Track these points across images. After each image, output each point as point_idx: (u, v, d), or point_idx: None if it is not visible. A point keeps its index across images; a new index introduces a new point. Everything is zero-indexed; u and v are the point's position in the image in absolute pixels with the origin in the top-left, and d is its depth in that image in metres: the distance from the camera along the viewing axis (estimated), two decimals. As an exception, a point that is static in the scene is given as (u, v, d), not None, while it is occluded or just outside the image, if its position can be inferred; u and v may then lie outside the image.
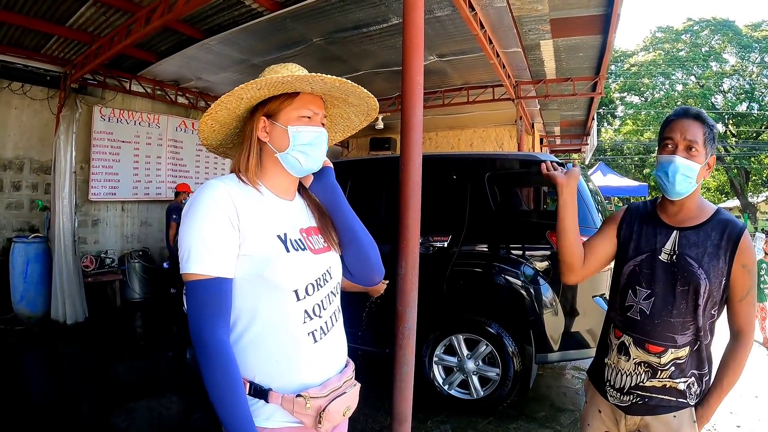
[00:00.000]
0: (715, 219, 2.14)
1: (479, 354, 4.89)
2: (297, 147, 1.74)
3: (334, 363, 1.78)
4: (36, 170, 8.79)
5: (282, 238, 1.69)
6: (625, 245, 2.30)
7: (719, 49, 42.17)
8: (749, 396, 5.74)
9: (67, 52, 8.34)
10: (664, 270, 2.14)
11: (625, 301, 2.24)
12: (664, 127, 2.19)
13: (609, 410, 2.29)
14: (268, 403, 1.61)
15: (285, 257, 1.65)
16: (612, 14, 6.96)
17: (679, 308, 2.09)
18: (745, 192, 44.07)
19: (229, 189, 1.63)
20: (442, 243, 5.08)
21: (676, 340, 2.10)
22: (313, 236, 1.81)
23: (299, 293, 1.67)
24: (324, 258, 1.79)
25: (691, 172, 2.08)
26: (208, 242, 1.54)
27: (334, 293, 1.82)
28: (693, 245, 2.11)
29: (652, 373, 2.13)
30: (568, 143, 20.01)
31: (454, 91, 11.03)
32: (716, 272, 2.07)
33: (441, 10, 6.73)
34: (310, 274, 1.71)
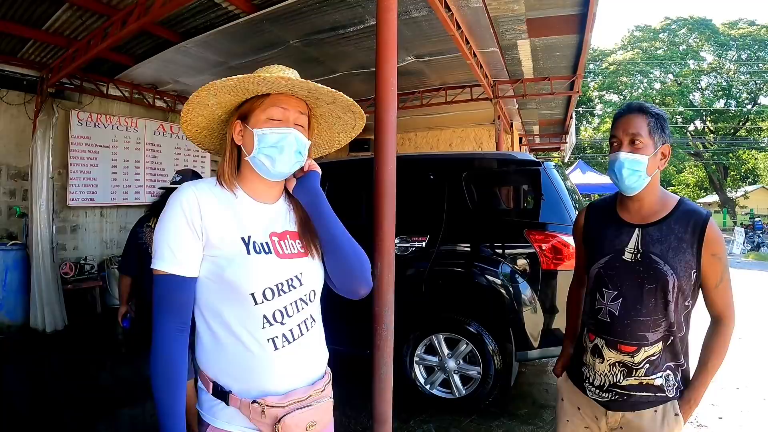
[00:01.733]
0: (678, 211, 2.12)
1: (460, 353, 4.90)
2: (262, 150, 1.70)
3: (301, 372, 1.72)
4: (13, 176, 8.68)
5: (245, 240, 1.67)
6: (590, 248, 2.30)
7: (697, 47, 42.67)
8: (731, 388, 5.80)
9: (44, 57, 8.26)
10: (630, 270, 2.12)
11: (594, 304, 2.22)
12: (612, 125, 2.20)
13: (589, 407, 2.27)
14: (228, 406, 1.64)
15: (244, 259, 1.64)
16: (588, 14, 7.01)
17: (648, 307, 2.08)
18: (723, 187, 44.60)
19: (198, 193, 1.66)
20: (421, 243, 5.09)
21: (648, 338, 2.09)
22: (287, 240, 1.77)
23: (256, 297, 1.63)
24: (294, 263, 1.74)
25: (637, 165, 2.08)
26: (170, 242, 1.60)
27: (305, 301, 1.76)
28: (657, 242, 2.08)
29: (628, 372, 2.12)
30: (547, 142, 20.13)
31: (432, 92, 11.07)
32: (684, 266, 2.05)
33: (417, 11, 6.74)
34: (269, 278, 1.66)
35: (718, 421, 4.97)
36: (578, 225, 2.44)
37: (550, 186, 4.88)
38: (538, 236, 4.71)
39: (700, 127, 45.59)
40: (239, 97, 1.74)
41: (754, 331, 8.39)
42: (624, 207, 2.23)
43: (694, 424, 4.87)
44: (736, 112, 42.74)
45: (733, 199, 47.03)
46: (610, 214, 2.26)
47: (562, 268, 4.62)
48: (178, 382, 1.61)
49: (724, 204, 45.69)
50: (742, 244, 23.82)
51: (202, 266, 1.65)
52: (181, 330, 1.63)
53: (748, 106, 42.90)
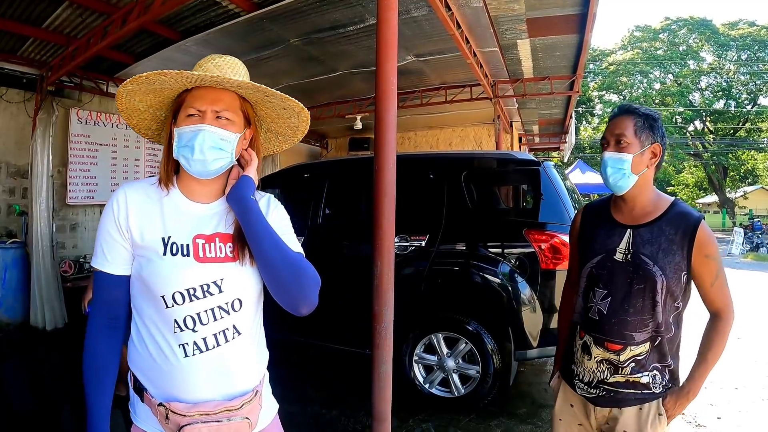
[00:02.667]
0: (670, 213, 2.15)
1: (459, 352, 4.91)
2: (179, 148, 1.65)
3: (216, 385, 1.63)
4: (13, 174, 8.67)
5: (165, 240, 1.64)
6: (583, 248, 2.35)
7: (696, 47, 42.67)
8: (730, 388, 5.81)
9: (44, 55, 8.24)
10: (620, 270, 2.16)
11: (586, 302, 2.27)
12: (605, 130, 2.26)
13: (580, 403, 2.31)
14: (142, 403, 1.65)
15: (158, 260, 1.61)
16: (588, 14, 7.01)
17: (635, 306, 2.12)
18: (723, 188, 44.60)
19: (129, 192, 1.67)
20: (420, 242, 5.09)
21: (635, 338, 2.13)
22: (214, 244, 1.68)
23: (166, 299, 1.59)
24: (213, 268, 1.65)
25: (621, 164, 2.14)
26: (101, 241, 1.66)
27: (224, 309, 1.65)
28: (647, 243, 2.13)
29: (614, 370, 2.16)
30: (547, 141, 20.15)
31: (432, 91, 11.05)
32: (673, 267, 2.09)
33: (417, 10, 6.74)
34: (182, 282, 1.60)
35: (716, 421, 4.98)
36: (575, 225, 2.49)
37: (549, 186, 4.89)
38: (538, 236, 4.71)
39: (699, 128, 45.60)
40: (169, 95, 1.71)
41: (752, 331, 8.40)
42: (617, 208, 2.28)
43: (692, 424, 4.88)
44: (735, 112, 42.75)
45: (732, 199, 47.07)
46: (604, 214, 2.31)
47: (561, 267, 4.62)
48: (104, 375, 1.65)
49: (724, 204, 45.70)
50: (741, 245, 23.80)
51: (133, 264, 1.67)
52: (112, 326, 1.67)
53: (748, 106, 42.92)
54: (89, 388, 1.64)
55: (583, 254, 2.34)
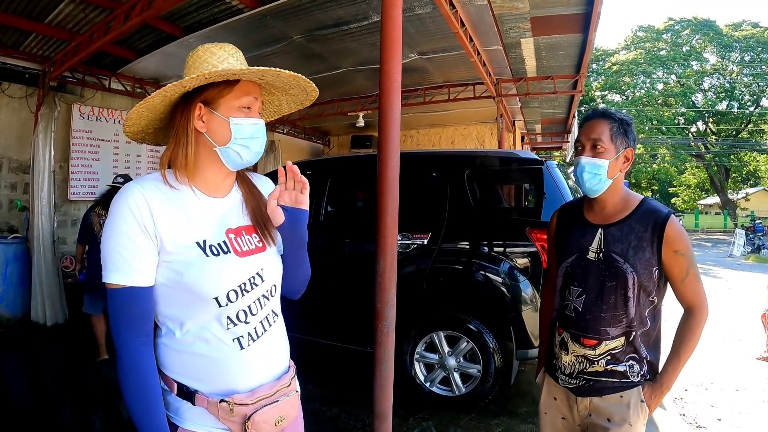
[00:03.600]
0: (639, 211, 2.21)
1: (460, 351, 4.90)
2: (239, 140, 1.62)
3: (267, 368, 1.68)
4: (14, 169, 8.67)
5: (201, 244, 1.57)
6: (559, 247, 2.41)
7: (700, 48, 42.66)
8: (730, 389, 5.81)
9: (46, 50, 8.24)
10: (593, 268, 2.22)
11: (563, 300, 2.33)
12: (578, 130, 2.31)
13: (563, 395, 2.35)
14: (194, 406, 1.58)
15: (203, 263, 1.55)
16: (592, 13, 6.99)
17: (608, 303, 2.18)
18: (725, 189, 44.60)
19: (146, 193, 1.54)
20: (422, 240, 5.08)
21: (609, 333, 2.18)
22: (243, 236, 1.69)
23: (220, 300, 1.56)
24: (254, 260, 1.67)
25: (598, 169, 2.18)
26: (124, 251, 1.49)
27: (266, 296, 1.70)
28: (617, 241, 2.19)
29: (589, 364, 2.22)
30: (549, 141, 20.16)
31: (434, 89, 11.05)
32: (644, 264, 2.14)
33: (421, 8, 6.73)
34: (232, 279, 1.59)
35: (716, 422, 4.98)
36: (551, 226, 2.54)
37: (552, 185, 4.88)
38: (540, 235, 4.70)
39: (702, 129, 45.57)
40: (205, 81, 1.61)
41: (753, 333, 8.38)
42: (589, 208, 2.34)
43: (693, 425, 4.88)
44: (738, 114, 42.70)
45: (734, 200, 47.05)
46: (577, 215, 2.38)
47: (563, 267, 4.61)
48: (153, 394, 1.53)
49: (725, 206, 45.71)
50: (743, 246, 23.79)
51: (158, 272, 1.55)
52: (145, 343, 1.54)
53: (751, 108, 42.90)
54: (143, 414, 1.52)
55: (559, 254, 2.40)
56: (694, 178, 51.15)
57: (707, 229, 44.61)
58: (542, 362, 2.58)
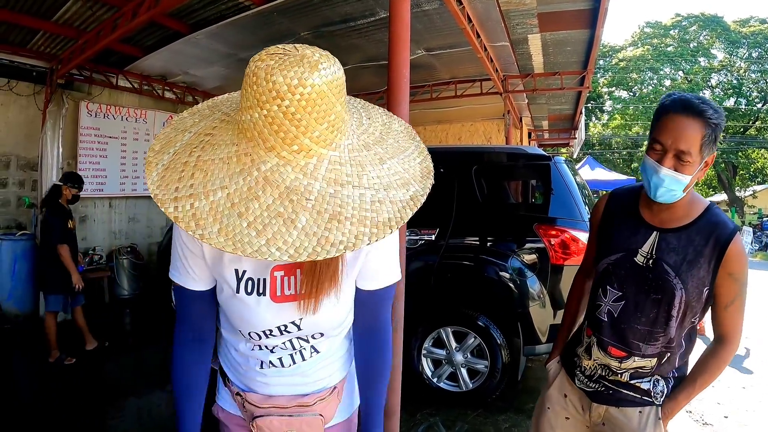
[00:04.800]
0: (702, 220, 1.92)
1: (468, 346, 4.91)
2: None
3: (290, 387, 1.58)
4: (23, 167, 8.70)
5: (238, 274, 1.43)
6: (603, 239, 2.15)
7: (707, 44, 42.41)
8: (737, 387, 5.80)
9: (54, 48, 8.27)
10: (639, 274, 1.97)
11: (595, 300, 2.12)
12: (657, 121, 1.88)
13: (577, 397, 2.20)
14: (225, 387, 1.67)
15: (231, 298, 1.46)
16: (599, 8, 6.97)
17: (648, 316, 1.96)
18: (732, 186, 44.33)
19: None
20: (430, 236, 5.09)
21: (641, 349, 1.99)
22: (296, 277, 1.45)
23: (242, 332, 1.51)
24: (292, 309, 1.45)
25: (677, 185, 1.85)
26: (180, 254, 1.47)
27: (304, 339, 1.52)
28: (672, 250, 1.92)
29: (611, 373, 2.06)
30: (557, 137, 20.10)
31: (441, 85, 11.08)
32: (696, 282, 1.89)
33: (429, 4, 6.72)
34: (255, 324, 1.47)
35: (723, 419, 4.97)
36: (597, 212, 2.25)
37: (560, 181, 4.87)
38: (548, 231, 4.70)
39: (710, 125, 45.26)
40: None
41: (761, 331, 8.36)
42: (646, 204, 2.03)
43: (699, 423, 4.88)
44: (746, 110, 42.48)
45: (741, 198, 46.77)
46: (631, 208, 2.09)
47: (571, 263, 4.61)
48: (193, 390, 1.57)
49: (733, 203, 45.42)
50: (750, 244, 23.69)
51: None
52: (198, 339, 1.56)
53: (759, 104, 42.64)
54: (180, 404, 1.57)
55: (601, 246, 2.14)
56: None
57: (715, 226, 44.42)
58: (559, 349, 2.39)
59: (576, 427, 2.22)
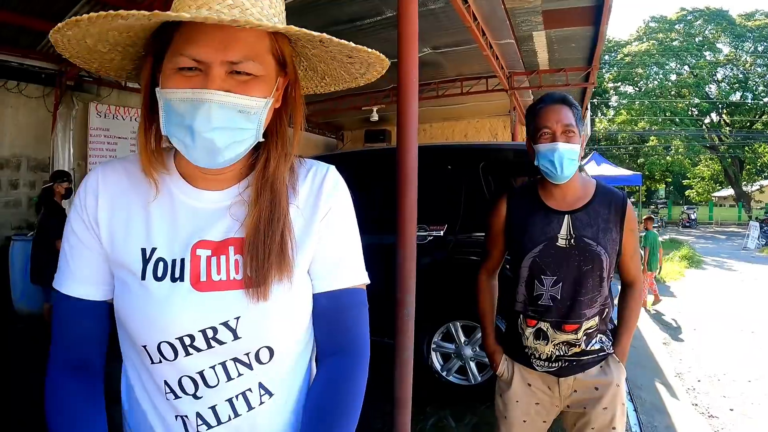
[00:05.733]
0: (598, 194, 2.24)
1: (476, 340, 4.96)
2: (168, 126, 0.99)
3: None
4: (33, 168, 8.79)
5: (145, 254, 1.05)
6: (518, 237, 2.31)
7: (713, 38, 42.24)
8: (742, 380, 5.83)
9: (63, 50, 8.34)
10: (565, 254, 2.19)
11: (533, 292, 2.26)
12: (534, 116, 2.25)
13: (539, 380, 2.32)
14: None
15: (135, 287, 1.04)
16: (604, 5, 7.02)
17: (587, 287, 2.18)
18: (739, 181, 44.19)
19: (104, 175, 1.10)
20: (438, 232, 5.15)
21: (586, 314, 2.20)
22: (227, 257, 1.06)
23: (150, 351, 1.04)
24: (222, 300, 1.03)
25: (574, 155, 2.15)
26: (67, 248, 1.10)
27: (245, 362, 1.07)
28: (587, 225, 2.18)
29: (570, 347, 2.22)
30: (562, 134, 20.08)
31: (447, 83, 11.12)
32: (612, 244, 2.19)
33: (434, 3, 6.79)
34: (170, 326, 1.01)
35: (729, 412, 5.02)
36: (500, 214, 2.42)
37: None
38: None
39: (716, 120, 45.18)
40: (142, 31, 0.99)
41: (766, 325, 8.40)
42: (549, 195, 2.28)
43: (705, 415, 4.92)
44: (752, 104, 42.32)
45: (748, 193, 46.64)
46: (535, 202, 2.31)
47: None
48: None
49: (740, 198, 45.32)
50: (757, 239, 23.61)
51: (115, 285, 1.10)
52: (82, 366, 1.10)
53: (765, 99, 42.47)
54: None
55: (517, 244, 2.31)
56: (708, 170, 50.70)
57: (721, 221, 44.30)
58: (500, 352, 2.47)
59: (546, 408, 2.33)
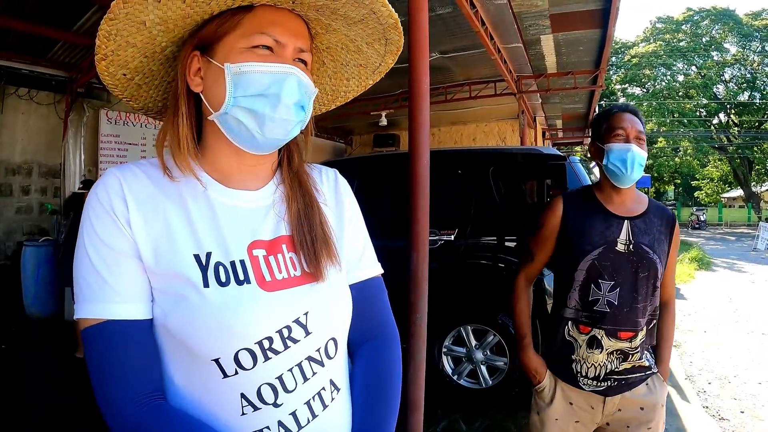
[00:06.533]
0: (652, 206, 2.29)
1: (487, 344, 4.99)
2: (242, 100, 0.98)
3: None
4: (44, 174, 8.87)
5: (200, 260, 0.97)
6: (575, 240, 2.25)
7: (720, 38, 42.08)
8: (753, 382, 5.81)
9: (73, 57, 8.42)
10: (624, 259, 2.17)
11: (588, 296, 2.20)
12: (608, 117, 2.27)
13: (582, 399, 2.25)
14: None
15: (197, 298, 0.94)
16: (611, 8, 7.04)
17: (642, 294, 2.16)
18: (748, 182, 43.97)
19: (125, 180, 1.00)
20: (449, 236, 5.17)
21: (640, 323, 2.17)
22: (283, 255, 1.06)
23: (224, 365, 0.94)
24: (291, 298, 1.02)
25: (643, 161, 2.17)
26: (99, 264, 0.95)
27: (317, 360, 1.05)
28: (644, 233, 2.20)
29: (623, 358, 2.17)
30: (571, 136, 20.08)
31: (456, 87, 11.14)
32: (664, 255, 2.22)
33: (443, 8, 6.82)
34: (248, 331, 0.95)
35: (739, 414, 4.99)
36: (555, 213, 2.33)
37: (575, 180, 4.94)
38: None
39: (724, 120, 44.99)
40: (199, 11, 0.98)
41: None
42: (608, 199, 2.27)
43: (716, 418, 4.91)
44: (760, 104, 42.12)
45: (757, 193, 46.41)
46: (593, 206, 2.28)
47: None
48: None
49: (749, 199, 45.13)
50: (767, 240, 23.50)
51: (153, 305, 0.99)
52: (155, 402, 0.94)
53: (773, 98, 42.34)
54: None
55: (575, 246, 2.24)
56: (717, 171, 50.50)
57: (731, 222, 44.18)
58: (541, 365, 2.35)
59: (585, 426, 2.29)
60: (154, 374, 0.96)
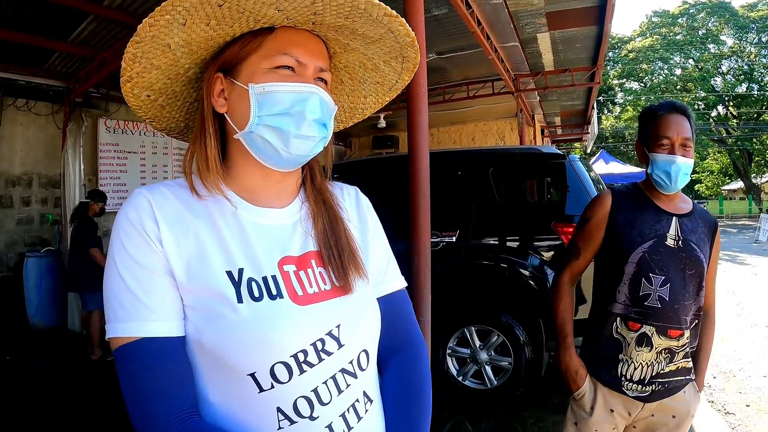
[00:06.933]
0: (696, 208, 2.26)
1: (491, 344, 4.99)
2: (267, 119, 1.03)
3: None
4: (44, 185, 8.85)
5: (233, 276, 1.00)
6: (625, 232, 2.18)
7: (716, 31, 42.08)
8: (758, 376, 5.81)
9: (70, 67, 8.39)
10: (673, 255, 2.12)
11: (639, 291, 2.12)
12: (653, 121, 2.17)
13: (622, 405, 2.18)
14: None
15: (233, 312, 0.96)
16: (607, 5, 7.03)
17: (689, 291, 2.11)
18: (748, 173, 43.94)
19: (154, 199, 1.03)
20: (451, 238, 5.17)
21: (687, 322, 2.12)
22: (313, 270, 1.09)
23: (260, 379, 0.96)
24: (323, 312, 1.05)
25: (689, 170, 2.12)
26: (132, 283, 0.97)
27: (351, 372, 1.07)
28: (691, 231, 2.16)
29: (671, 358, 2.11)
30: (570, 132, 20.05)
31: (453, 87, 11.13)
32: (707, 255, 2.17)
33: (438, 9, 6.81)
34: (283, 344, 0.97)
35: (745, 408, 4.99)
36: (604, 206, 2.26)
37: (575, 178, 4.94)
38: (565, 228, 4.76)
39: (722, 113, 44.96)
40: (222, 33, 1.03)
41: (782, 318, 8.38)
42: (656, 197, 2.22)
43: (722, 412, 4.90)
44: (758, 96, 42.10)
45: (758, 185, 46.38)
46: (643, 200, 2.24)
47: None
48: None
49: (749, 191, 45.10)
50: (768, 232, 23.46)
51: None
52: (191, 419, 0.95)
53: (771, 89, 42.32)
54: None
55: (625, 238, 2.17)
56: (717, 163, 50.56)
57: (732, 215, 44.06)
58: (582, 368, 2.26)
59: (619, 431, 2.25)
60: (190, 391, 0.98)
